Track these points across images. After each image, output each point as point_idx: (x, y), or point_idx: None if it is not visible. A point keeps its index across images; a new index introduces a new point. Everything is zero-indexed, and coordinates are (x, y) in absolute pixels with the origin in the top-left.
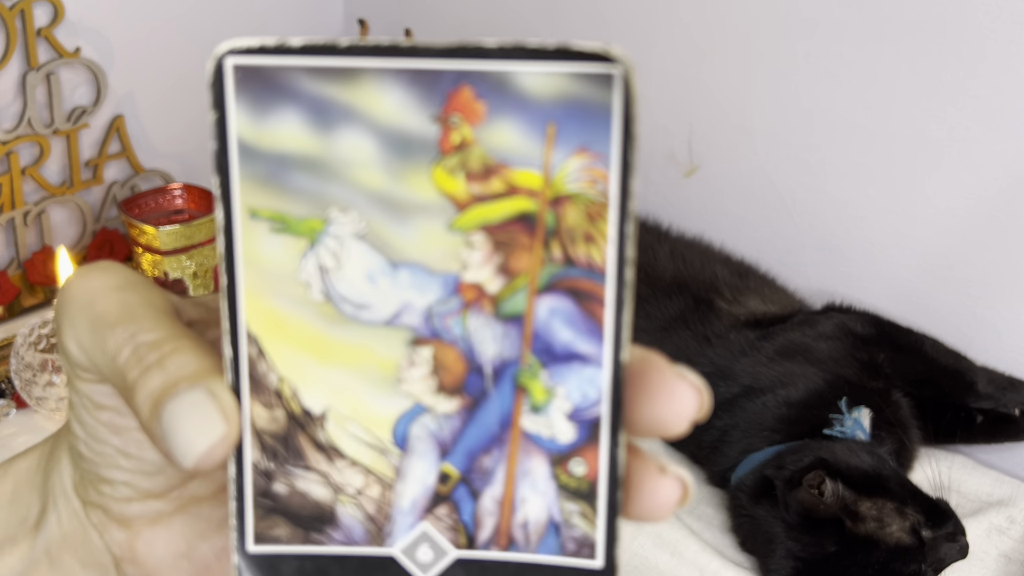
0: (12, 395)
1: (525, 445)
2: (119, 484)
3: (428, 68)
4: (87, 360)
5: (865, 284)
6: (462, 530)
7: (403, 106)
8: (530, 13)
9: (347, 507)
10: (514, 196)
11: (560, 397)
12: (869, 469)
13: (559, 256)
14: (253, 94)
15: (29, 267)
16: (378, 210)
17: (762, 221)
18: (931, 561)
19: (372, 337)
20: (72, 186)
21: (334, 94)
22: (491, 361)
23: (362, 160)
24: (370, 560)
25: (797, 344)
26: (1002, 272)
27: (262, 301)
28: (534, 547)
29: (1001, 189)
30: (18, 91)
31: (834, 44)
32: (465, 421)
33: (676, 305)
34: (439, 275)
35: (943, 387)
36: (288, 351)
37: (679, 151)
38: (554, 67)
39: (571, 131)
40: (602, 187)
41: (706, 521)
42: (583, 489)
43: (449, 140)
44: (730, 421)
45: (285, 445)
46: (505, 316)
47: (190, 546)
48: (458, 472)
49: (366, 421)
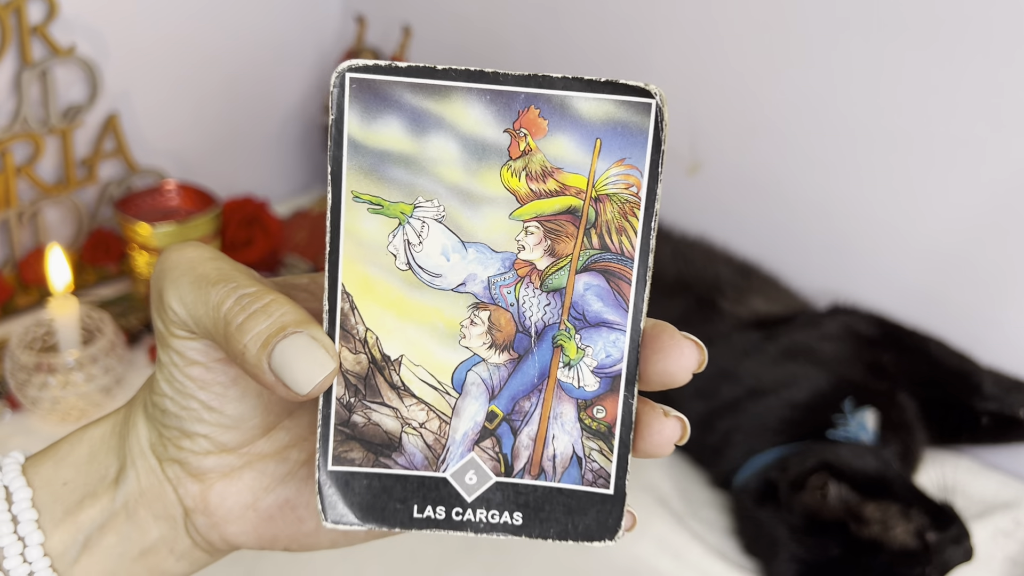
0: (6, 396)
1: (558, 393)
2: (199, 438)
3: (505, 91)
4: (187, 314)
5: (870, 284)
6: (502, 460)
7: (482, 119)
8: (530, 13)
9: (411, 437)
10: (564, 194)
11: (589, 355)
12: (873, 472)
13: (596, 243)
14: (364, 102)
15: (23, 267)
16: (455, 199)
17: (765, 220)
18: (936, 564)
19: (442, 300)
20: (67, 185)
21: (428, 106)
22: (536, 324)
23: (446, 159)
24: (427, 481)
25: (801, 345)
26: (1008, 273)
27: (357, 266)
28: (559, 477)
29: (1008, 189)
30: (12, 89)
31: (840, 42)
32: (511, 371)
33: (679, 305)
34: (500, 254)
35: (948, 388)
36: (374, 307)
37: (681, 149)
38: (604, 96)
39: (614, 146)
40: (635, 190)
41: (709, 525)
42: (602, 430)
43: (516, 147)
44: (733, 423)
45: (365, 384)
46: (550, 289)
47: (256, 498)
48: (502, 412)
49: (432, 367)
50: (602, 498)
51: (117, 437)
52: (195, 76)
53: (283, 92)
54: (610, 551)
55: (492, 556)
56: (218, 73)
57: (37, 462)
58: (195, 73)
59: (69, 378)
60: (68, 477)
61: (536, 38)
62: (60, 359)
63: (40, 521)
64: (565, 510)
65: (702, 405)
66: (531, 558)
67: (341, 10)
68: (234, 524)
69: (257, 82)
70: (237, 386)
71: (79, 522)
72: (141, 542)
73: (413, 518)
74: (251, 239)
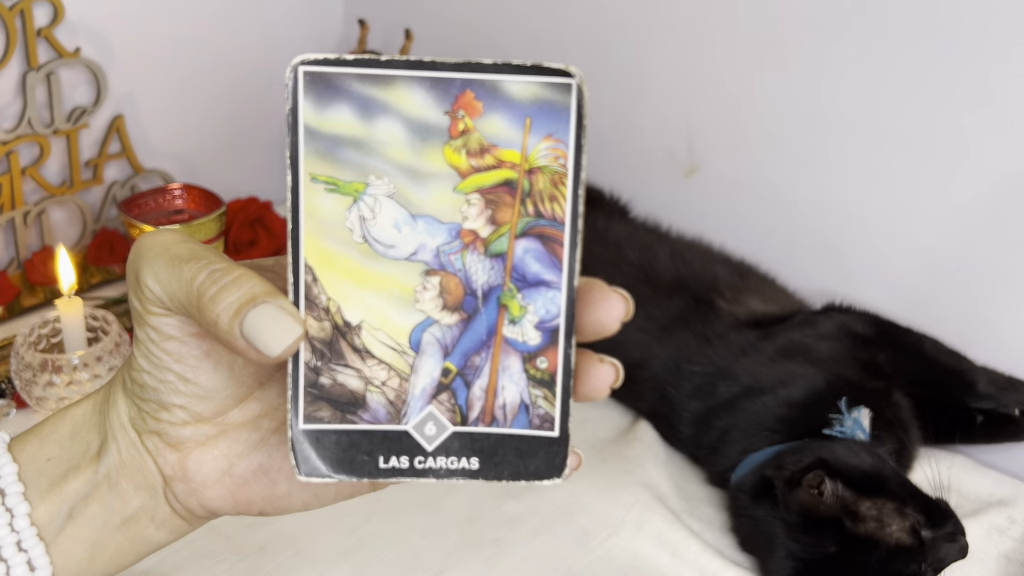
0: (12, 395)
1: (505, 347)
2: (176, 408)
3: (443, 77)
4: (162, 290)
5: (865, 284)
6: (458, 411)
7: (424, 103)
8: (530, 13)
9: (374, 395)
10: (501, 168)
11: (531, 312)
12: (869, 469)
13: (532, 211)
14: (317, 92)
15: (29, 267)
16: (404, 177)
17: (762, 221)
18: (931, 561)
19: (396, 269)
20: (72, 186)
21: (375, 93)
22: (482, 286)
23: (393, 141)
24: (390, 434)
25: (797, 344)
26: (1003, 272)
27: (317, 241)
28: (510, 423)
29: (1002, 188)
30: (18, 91)
31: (835, 43)
32: (462, 330)
33: (676, 305)
34: (446, 224)
35: (943, 387)
36: (335, 278)
37: (679, 151)
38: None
39: (542, 123)
40: (562, 162)
41: (706, 521)
42: (545, 379)
43: (456, 128)
44: (730, 421)
45: (330, 348)
46: (492, 254)
47: (231, 464)
48: (456, 368)
49: (390, 330)
50: (549, 440)
51: (98, 415)
52: (199, 78)
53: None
54: (608, 548)
55: (493, 554)
56: (222, 75)
57: (22, 440)
58: (199, 75)
59: (74, 377)
60: (52, 453)
61: (535, 41)
62: (65, 358)
63: (26, 493)
64: (516, 453)
65: (699, 403)
66: (531, 556)
67: (343, 14)
68: (211, 490)
69: (261, 84)
70: (210, 358)
71: (63, 494)
72: (123, 511)
73: (380, 468)
74: (255, 239)
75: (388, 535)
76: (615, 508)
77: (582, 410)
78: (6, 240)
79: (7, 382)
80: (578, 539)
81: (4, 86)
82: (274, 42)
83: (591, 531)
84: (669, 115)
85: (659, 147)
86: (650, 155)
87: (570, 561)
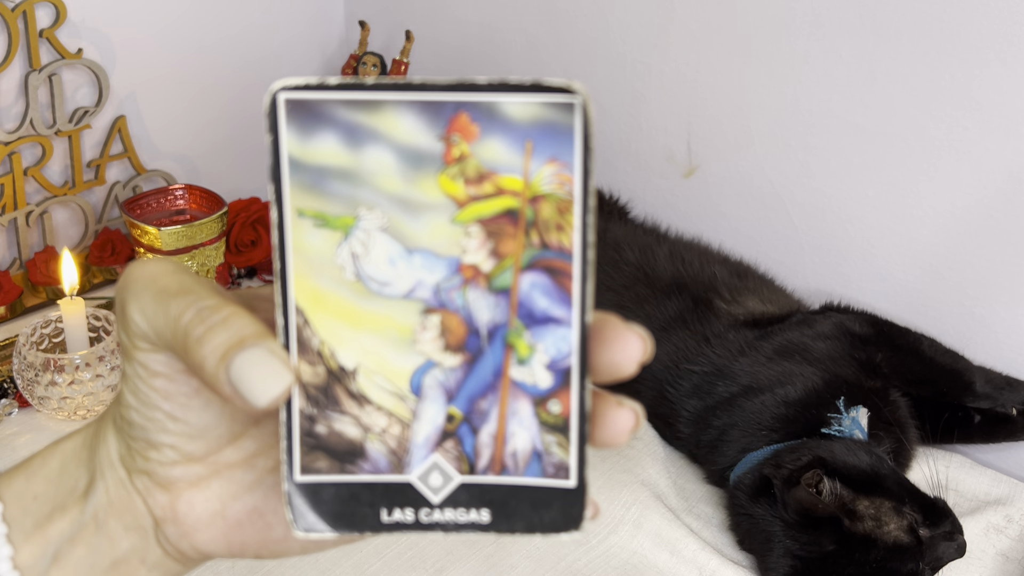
0: (15, 395)
1: (513, 390)
2: (166, 448)
3: (434, 100)
4: (148, 326)
5: (863, 284)
6: (465, 459)
7: (415, 128)
8: (530, 14)
9: (374, 443)
10: (502, 196)
11: (540, 352)
12: (867, 468)
13: (537, 242)
14: (300, 121)
15: (31, 267)
16: (397, 208)
17: (761, 222)
18: (928, 560)
19: (393, 308)
20: (74, 187)
21: (362, 120)
22: (486, 325)
23: (384, 170)
24: (393, 485)
25: (795, 344)
26: (1000, 272)
27: (307, 281)
28: (522, 471)
29: (999, 189)
30: (20, 92)
31: (833, 45)
32: (466, 372)
33: (675, 305)
34: (445, 258)
35: (941, 386)
36: (327, 320)
37: (678, 152)
38: (530, 98)
39: (544, 146)
40: (568, 188)
41: (705, 520)
42: (559, 424)
43: (451, 154)
44: (728, 420)
45: (325, 394)
46: (496, 289)
47: (224, 505)
48: (461, 413)
49: (389, 374)
50: (564, 490)
51: (88, 450)
52: (201, 79)
53: None
54: (608, 546)
55: (493, 552)
56: (224, 77)
57: (9, 476)
58: (201, 76)
59: (76, 377)
60: (39, 491)
61: (535, 42)
62: (67, 358)
63: (10, 535)
64: (530, 504)
65: (698, 402)
66: (531, 554)
67: (344, 15)
68: (203, 532)
69: (262, 85)
70: (201, 396)
71: (48, 535)
72: (111, 553)
73: (382, 522)
74: (257, 239)
75: (359, 540)
76: (614, 506)
77: None
78: (8, 240)
79: (9, 382)
80: (577, 537)
81: (6, 87)
82: (275, 43)
83: (590, 529)
84: (668, 116)
85: (658, 148)
86: (649, 156)
87: (570, 559)
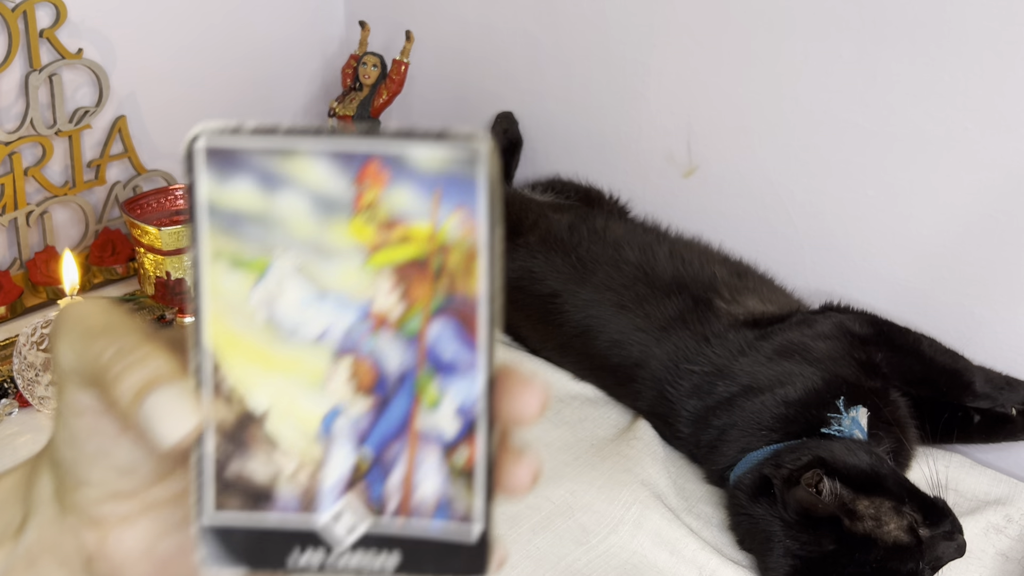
0: (15, 395)
1: (422, 436)
2: (94, 484)
3: (346, 147)
4: (76, 361)
5: (863, 284)
6: (374, 504)
7: (327, 175)
8: (529, 18)
9: (285, 485)
10: (411, 243)
11: (448, 398)
12: (867, 468)
13: (445, 288)
14: (216, 165)
15: (31, 267)
16: (310, 253)
17: (760, 221)
18: (928, 559)
19: (304, 351)
20: (74, 187)
21: (276, 166)
22: (395, 370)
23: (298, 215)
24: (302, 527)
25: (795, 344)
26: (1000, 272)
27: (222, 322)
28: (429, 517)
29: (999, 189)
30: (20, 92)
31: (833, 45)
32: (377, 417)
33: (675, 305)
34: (355, 303)
35: (941, 386)
36: (240, 361)
37: (678, 152)
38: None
39: (451, 194)
40: (474, 236)
41: (705, 519)
42: (465, 471)
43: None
44: (728, 420)
45: (237, 436)
46: (406, 335)
47: (153, 543)
48: (371, 457)
49: (299, 418)
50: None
51: (25, 487)
52: (201, 80)
53: (288, 95)
54: (608, 546)
55: None
56: (224, 76)
57: None
58: (201, 77)
59: None
60: None
61: (535, 43)
62: None
63: None
64: (437, 550)
65: (698, 402)
66: (531, 554)
67: (344, 15)
68: (133, 569)
69: (262, 85)
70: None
71: None
72: None
73: (292, 564)
74: None
75: None
76: (614, 506)
77: (581, 408)
78: (9, 240)
79: (9, 382)
80: (577, 537)
81: (7, 87)
82: (276, 43)
83: (590, 529)
84: (668, 116)
85: (658, 148)
86: (649, 156)
87: (570, 559)
